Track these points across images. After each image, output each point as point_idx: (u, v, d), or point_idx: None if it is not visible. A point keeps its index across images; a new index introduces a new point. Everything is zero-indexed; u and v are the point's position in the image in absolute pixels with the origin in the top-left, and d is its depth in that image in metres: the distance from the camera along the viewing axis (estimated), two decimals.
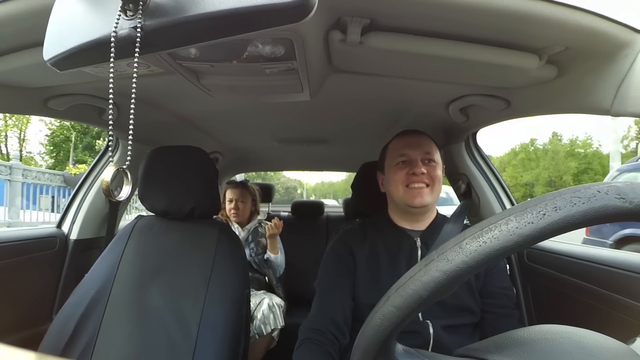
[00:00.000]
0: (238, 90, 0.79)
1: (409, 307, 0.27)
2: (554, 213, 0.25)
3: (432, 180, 0.80)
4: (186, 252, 0.87)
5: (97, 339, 0.75)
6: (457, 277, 0.26)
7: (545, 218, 0.25)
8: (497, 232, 0.25)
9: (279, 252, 1.65)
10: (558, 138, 31.17)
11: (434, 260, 0.27)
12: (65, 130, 17.22)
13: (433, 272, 0.27)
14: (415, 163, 0.80)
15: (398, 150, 0.84)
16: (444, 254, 0.27)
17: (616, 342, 0.31)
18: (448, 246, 0.27)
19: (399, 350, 0.33)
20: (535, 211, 0.25)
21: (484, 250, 0.25)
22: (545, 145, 30.63)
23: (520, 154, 31.30)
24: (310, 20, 0.34)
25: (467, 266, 0.26)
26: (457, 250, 0.26)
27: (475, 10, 0.48)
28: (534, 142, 32.07)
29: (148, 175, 0.89)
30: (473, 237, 0.26)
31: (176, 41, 0.38)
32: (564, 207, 0.25)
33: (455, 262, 0.26)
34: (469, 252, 0.26)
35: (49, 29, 0.39)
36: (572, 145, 29.65)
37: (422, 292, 0.27)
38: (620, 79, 0.55)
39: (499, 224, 0.26)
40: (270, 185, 2.45)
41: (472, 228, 0.27)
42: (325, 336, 0.73)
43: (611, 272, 0.75)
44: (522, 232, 0.25)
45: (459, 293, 0.76)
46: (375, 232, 0.86)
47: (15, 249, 1.04)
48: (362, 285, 0.80)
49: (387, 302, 0.29)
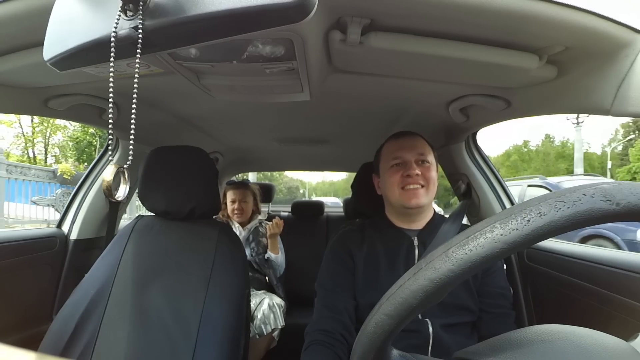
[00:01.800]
0: (238, 90, 0.79)
1: (400, 315, 0.28)
2: (538, 219, 0.25)
3: (427, 181, 0.81)
4: (186, 252, 0.87)
5: (97, 339, 0.75)
6: (444, 285, 0.26)
7: (530, 224, 0.25)
8: (482, 240, 0.26)
9: (279, 251, 1.65)
10: (550, 140, 33.04)
11: (422, 269, 0.27)
12: (89, 136, 17.98)
13: (421, 281, 0.27)
14: (409, 165, 0.81)
15: (392, 152, 0.85)
16: (432, 262, 0.27)
17: (615, 339, 0.31)
18: (435, 254, 0.28)
19: (394, 355, 0.33)
20: (519, 217, 0.25)
21: (469, 258, 0.26)
22: (538, 147, 32.41)
23: (513, 155, 32.76)
24: (310, 21, 0.34)
25: (454, 274, 0.26)
26: (443, 259, 0.27)
27: (475, 10, 0.48)
28: (527, 144, 33.77)
29: (148, 175, 0.89)
30: (459, 245, 0.27)
31: (176, 41, 0.38)
32: (548, 213, 0.25)
33: (442, 270, 0.26)
34: (455, 260, 0.26)
35: (49, 29, 0.39)
36: (563, 147, 31.31)
37: (411, 301, 0.27)
38: (620, 79, 0.55)
39: (484, 232, 0.26)
40: (271, 185, 2.45)
41: (459, 236, 0.28)
42: (334, 337, 0.73)
43: (611, 272, 0.75)
44: (506, 239, 0.25)
45: (458, 292, 0.76)
46: (374, 232, 0.87)
47: (15, 249, 1.04)
48: (361, 285, 0.80)
49: (380, 310, 0.29)
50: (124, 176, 0.36)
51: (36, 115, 1.03)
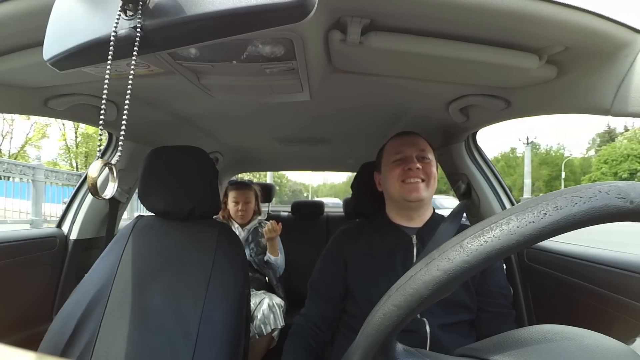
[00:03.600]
0: (238, 90, 0.79)
1: (410, 307, 0.27)
2: (555, 212, 0.24)
3: (428, 176, 0.83)
4: (186, 252, 0.87)
5: (97, 339, 0.75)
6: (457, 276, 0.26)
7: (547, 218, 0.24)
8: (498, 232, 0.25)
9: (278, 253, 1.65)
10: (536, 147, 36.03)
11: (435, 259, 0.27)
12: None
13: (434, 271, 0.26)
14: (410, 159, 0.83)
15: (394, 148, 0.88)
16: (445, 253, 0.27)
17: (616, 342, 0.31)
18: (449, 245, 0.27)
19: (399, 349, 0.33)
20: (536, 211, 0.25)
21: (485, 249, 0.25)
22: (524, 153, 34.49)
23: (501, 161, 35.72)
24: (310, 20, 0.34)
25: (469, 265, 0.25)
26: (458, 250, 0.26)
27: (476, 10, 0.48)
28: (514, 151, 37.19)
29: (148, 175, 0.89)
30: (474, 236, 0.26)
31: (176, 41, 0.38)
32: (565, 207, 0.24)
33: (456, 261, 0.26)
34: (470, 251, 0.26)
35: (49, 29, 0.39)
36: (546, 154, 34.75)
37: (422, 291, 0.27)
38: (620, 79, 0.55)
39: (499, 224, 0.26)
40: (271, 185, 2.45)
41: (473, 227, 0.27)
42: (307, 332, 0.85)
43: (611, 272, 0.75)
44: (523, 232, 0.25)
45: (456, 290, 0.76)
46: (373, 230, 0.88)
47: (15, 249, 1.04)
48: (358, 282, 0.82)
49: (388, 301, 0.29)
50: (112, 173, 0.34)
51: (36, 115, 1.03)
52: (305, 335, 0.84)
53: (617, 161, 26.20)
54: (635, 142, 27.28)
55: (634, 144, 26.79)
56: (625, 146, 26.93)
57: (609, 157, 26.97)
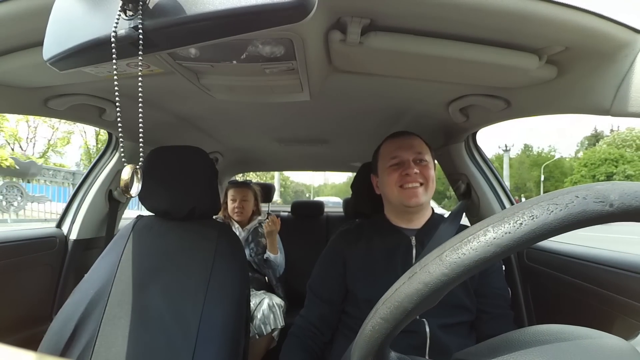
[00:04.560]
0: (238, 90, 0.79)
1: (396, 319, 0.28)
2: (530, 222, 0.25)
3: (426, 179, 0.82)
4: (186, 253, 0.87)
5: (97, 339, 0.75)
6: (438, 289, 0.26)
7: (522, 227, 0.25)
8: (475, 244, 0.26)
9: (278, 251, 1.65)
10: (529, 149, 38.88)
11: (417, 273, 0.27)
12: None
13: (416, 285, 0.27)
14: (407, 164, 0.82)
15: (390, 152, 0.86)
16: (426, 266, 0.27)
17: (615, 338, 0.31)
18: (430, 258, 0.28)
19: (392, 358, 0.33)
20: (512, 221, 0.25)
21: (463, 262, 0.26)
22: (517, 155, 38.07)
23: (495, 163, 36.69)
24: (310, 20, 0.34)
25: (448, 278, 0.26)
26: (437, 263, 0.26)
27: (475, 10, 0.48)
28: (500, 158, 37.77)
29: (148, 175, 0.89)
30: (453, 248, 0.26)
31: (176, 41, 0.38)
32: (540, 216, 0.25)
33: (435, 274, 0.26)
34: (449, 263, 0.26)
35: (48, 29, 0.39)
36: (538, 156, 36.82)
37: (407, 305, 0.27)
38: (620, 79, 0.55)
39: (477, 235, 0.26)
40: (271, 185, 2.45)
41: (453, 239, 0.28)
42: (306, 333, 0.85)
43: (611, 272, 0.75)
44: (499, 242, 0.25)
45: (455, 291, 0.76)
46: (373, 231, 0.87)
47: (15, 249, 1.04)
48: (358, 283, 0.81)
49: (376, 314, 0.29)
50: (137, 175, 0.40)
51: (36, 115, 1.03)
52: (304, 336, 0.84)
53: (596, 164, 27.41)
54: (613, 147, 28.64)
55: (612, 149, 28.10)
56: (604, 150, 28.25)
57: (588, 161, 28.34)
